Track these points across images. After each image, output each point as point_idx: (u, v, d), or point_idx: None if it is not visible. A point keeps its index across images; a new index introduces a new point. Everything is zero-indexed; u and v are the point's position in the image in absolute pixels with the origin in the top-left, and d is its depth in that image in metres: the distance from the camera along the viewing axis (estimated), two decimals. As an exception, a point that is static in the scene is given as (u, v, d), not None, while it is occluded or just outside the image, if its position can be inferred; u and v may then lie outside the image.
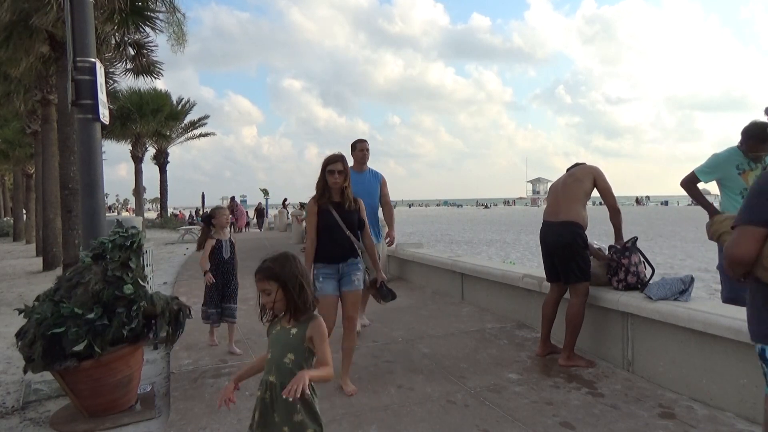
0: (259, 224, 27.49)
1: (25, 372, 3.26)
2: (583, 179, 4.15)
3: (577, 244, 4.00)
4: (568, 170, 4.39)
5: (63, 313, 3.15)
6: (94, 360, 3.20)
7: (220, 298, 4.85)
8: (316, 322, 2.03)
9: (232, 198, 27.21)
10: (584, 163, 4.41)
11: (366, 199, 4.18)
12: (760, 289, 1.89)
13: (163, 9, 10.61)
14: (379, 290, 3.73)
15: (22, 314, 3.28)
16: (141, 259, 3.70)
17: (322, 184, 3.56)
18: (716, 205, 4.44)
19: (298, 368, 1.96)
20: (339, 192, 3.56)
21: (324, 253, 3.53)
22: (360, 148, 5.17)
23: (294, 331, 2.02)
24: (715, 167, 4.15)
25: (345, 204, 3.56)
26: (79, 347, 3.10)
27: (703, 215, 4.17)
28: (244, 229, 25.41)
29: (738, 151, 4.06)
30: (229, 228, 5.00)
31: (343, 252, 3.54)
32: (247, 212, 28.38)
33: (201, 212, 30.75)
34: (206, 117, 31.82)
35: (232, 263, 4.96)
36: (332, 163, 3.52)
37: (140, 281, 3.52)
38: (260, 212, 28.25)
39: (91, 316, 3.18)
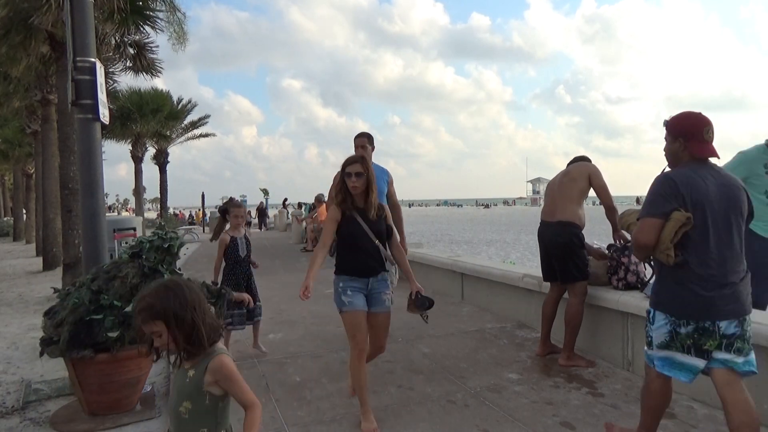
0: (261, 223, 27.34)
1: (41, 355, 3.27)
2: (578, 178, 4.15)
3: (574, 244, 4.02)
4: (568, 165, 4.39)
5: (102, 303, 3.22)
6: (109, 354, 3.20)
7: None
8: (215, 361, 1.71)
9: (231, 198, 27.19)
10: (584, 158, 4.40)
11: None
12: (659, 268, 2.52)
13: (164, 8, 10.62)
14: (416, 301, 3.26)
15: (57, 294, 3.32)
16: (175, 263, 3.71)
17: (343, 188, 3.13)
18: None
19: (198, 419, 1.75)
20: (363, 197, 3.13)
21: (351, 266, 3.11)
22: (357, 144, 4.47)
23: (191, 373, 1.72)
24: (741, 165, 3.98)
25: (369, 212, 3.13)
26: (114, 334, 3.16)
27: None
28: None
29: (767, 149, 3.87)
30: (244, 226, 4.67)
31: (374, 265, 3.12)
32: (249, 212, 28.34)
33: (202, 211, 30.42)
34: (207, 117, 31.76)
35: (249, 260, 4.62)
36: (350, 164, 3.11)
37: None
38: (262, 211, 28.03)
39: (129, 309, 3.19)
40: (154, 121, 26.93)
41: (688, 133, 2.45)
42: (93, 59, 4.15)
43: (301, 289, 2.88)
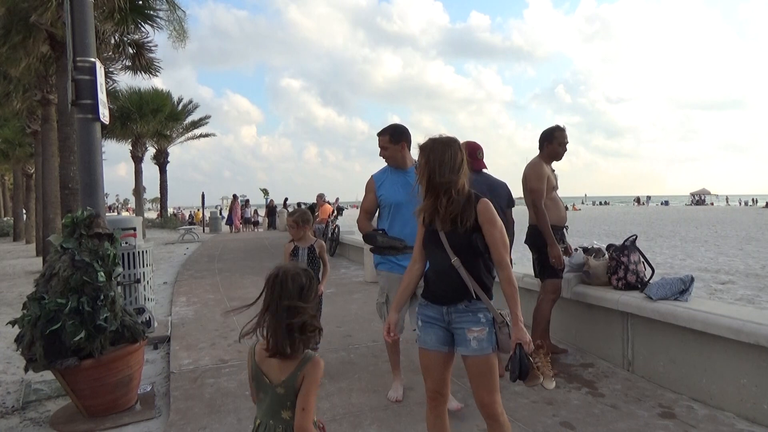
0: (271, 223, 25.69)
1: (26, 371, 3.27)
2: (524, 181, 4.21)
3: (536, 245, 4.18)
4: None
5: (49, 308, 3.15)
6: (94, 359, 3.21)
7: None
8: (315, 360, 1.71)
9: (234, 196, 26.97)
10: (545, 134, 4.27)
11: (410, 207, 2.93)
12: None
13: (164, 7, 10.63)
14: (511, 361, 2.24)
15: (15, 325, 3.27)
16: (115, 257, 3.56)
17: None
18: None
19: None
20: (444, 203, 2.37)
21: (428, 286, 2.40)
22: (379, 144, 3.53)
23: (281, 390, 1.70)
24: None
25: (449, 219, 2.29)
26: (80, 336, 3.11)
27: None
28: (242, 228, 25.35)
29: None
30: (311, 233, 4.13)
31: (448, 290, 2.30)
32: (256, 211, 28.02)
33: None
34: (207, 117, 31.81)
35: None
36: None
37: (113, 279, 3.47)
38: (272, 210, 26.48)
39: (64, 303, 3.16)
40: (154, 121, 26.94)
41: (471, 155, 3.44)
42: (93, 59, 4.15)
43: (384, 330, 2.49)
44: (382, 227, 3.48)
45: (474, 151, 3.88)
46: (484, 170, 3.99)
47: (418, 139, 2.44)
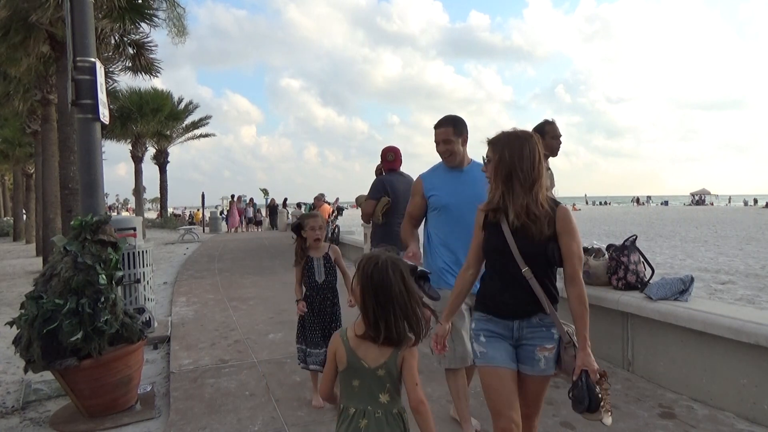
0: (272, 222, 25.20)
1: (25, 372, 3.27)
2: None
3: None
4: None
5: (47, 307, 3.15)
6: (93, 359, 3.21)
7: (322, 334, 3.50)
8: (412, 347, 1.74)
9: (233, 196, 26.93)
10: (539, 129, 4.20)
11: (463, 211, 2.85)
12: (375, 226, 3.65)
13: (164, 6, 10.64)
14: (575, 389, 2.03)
15: (14, 326, 3.27)
16: (117, 262, 3.56)
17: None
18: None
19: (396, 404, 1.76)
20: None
21: (488, 297, 2.13)
22: (438, 136, 3.03)
23: (381, 372, 1.73)
24: None
25: (526, 222, 2.01)
26: (77, 336, 3.11)
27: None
28: (239, 229, 25.31)
29: None
30: (325, 240, 3.67)
31: (518, 303, 2.06)
32: (259, 210, 27.83)
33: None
34: (208, 117, 31.83)
35: (331, 287, 3.59)
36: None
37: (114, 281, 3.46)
38: (273, 209, 25.80)
39: (62, 303, 3.15)
40: (154, 121, 26.94)
41: (383, 158, 4.58)
42: (93, 59, 4.15)
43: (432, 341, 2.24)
44: (433, 229, 3.08)
45: (385, 154, 4.64)
46: (399, 170, 4.58)
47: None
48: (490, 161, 2.09)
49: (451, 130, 2.96)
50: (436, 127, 3.02)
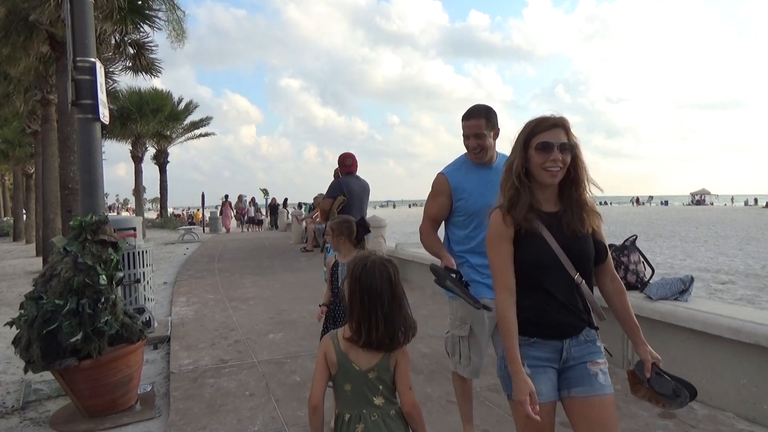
0: (273, 222, 24.56)
1: (25, 372, 3.27)
2: None
3: None
4: None
5: (47, 308, 3.15)
6: (93, 360, 3.21)
7: None
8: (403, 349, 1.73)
9: (226, 197, 26.83)
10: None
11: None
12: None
13: (163, 8, 10.63)
14: (653, 381, 1.85)
15: (13, 326, 3.27)
16: (118, 263, 3.56)
17: (518, 176, 1.77)
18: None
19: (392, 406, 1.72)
20: (553, 188, 1.79)
21: (533, 317, 1.78)
22: (468, 129, 2.67)
23: (372, 375, 1.71)
24: None
25: (571, 216, 1.78)
26: (77, 338, 3.11)
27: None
28: (243, 228, 25.30)
29: None
30: (350, 245, 3.26)
31: (572, 318, 1.80)
32: (259, 210, 27.70)
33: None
34: (209, 118, 31.82)
35: None
36: (541, 127, 1.76)
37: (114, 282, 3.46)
38: (273, 209, 25.08)
39: (62, 304, 3.15)
40: (155, 121, 26.94)
41: (341, 163, 5.24)
42: (93, 59, 4.15)
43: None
44: (458, 236, 2.77)
45: (343, 159, 5.27)
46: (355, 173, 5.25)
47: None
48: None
49: (483, 123, 2.63)
50: (465, 118, 2.68)
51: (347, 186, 5.05)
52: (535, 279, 1.77)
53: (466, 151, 2.74)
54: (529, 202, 1.75)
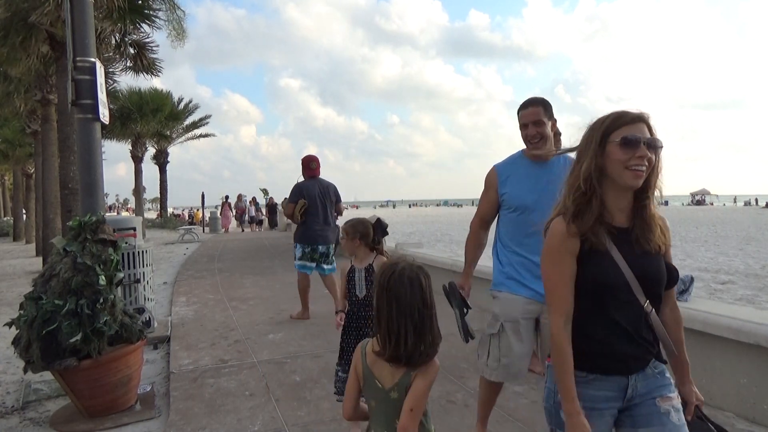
0: (271, 222, 24.43)
1: (25, 372, 3.27)
2: None
3: None
4: None
5: (46, 308, 3.14)
6: (93, 360, 3.21)
7: None
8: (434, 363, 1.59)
9: (226, 197, 26.79)
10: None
11: (544, 215, 2.13)
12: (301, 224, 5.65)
13: (163, 7, 10.63)
14: (693, 425, 1.62)
15: (13, 326, 3.27)
16: (117, 263, 3.55)
17: (591, 173, 1.51)
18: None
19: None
20: (629, 198, 1.54)
21: (595, 349, 1.53)
22: (526, 117, 2.56)
23: (394, 395, 1.58)
24: None
25: (641, 231, 1.54)
26: (76, 338, 3.10)
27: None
28: (243, 228, 25.28)
29: None
30: (364, 247, 3.08)
31: (639, 351, 1.54)
32: (261, 210, 27.63)
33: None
34: (208, 117, 31.81)
35: (371, 304, 2.64)
36: (624, 120, 1.50)
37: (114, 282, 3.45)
38: (272, 208, 24.75)
39: (61, 304, 3.15)
40: (155, 121, 26.94)
41: (305, 165, 5.63)
42: (93, 59, 4.15)
43: None
44: (503, 231, 2.70)
45: (308, 162, 5.60)
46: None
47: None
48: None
49: (541, 110, 2.53)
50: (523, 107, 2.58)
51: (307, 190, 5.47)
52: (600, 304, 1.51)
53: (523, 146, 2.65)
54: (599, 212, 1.49)
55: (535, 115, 2.53)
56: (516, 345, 2.54)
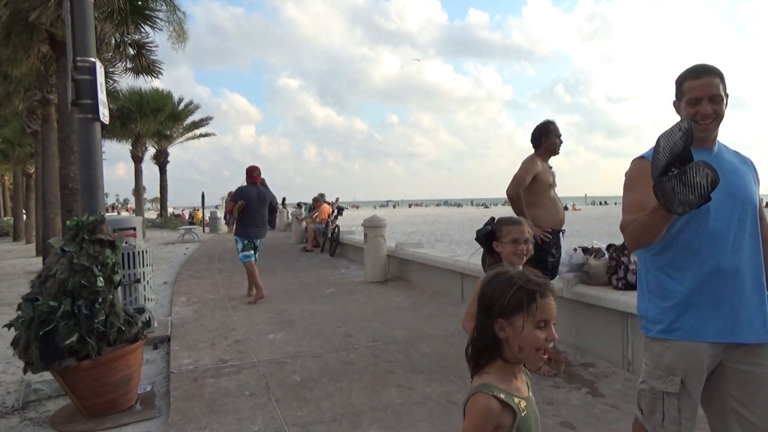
0: (271, 222, 24.98)
1: (25, 372, 3.27)
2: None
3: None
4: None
5: (42, 309, 3.13)
6: (93, 360, 3.20)
7: None
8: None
9: (229, 194, 26.78)
10: (538, 128, 4.26)
11: (718, 215, 1.83)
12: (234, 221, 7.36)
13: (164, 8, 10.64)
14: None
15: (11, 327, 3.27)
16: (115, 264, 3.55)
17: None
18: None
19: None
20: None
21: None
22: (701, 90, 1.88)
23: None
24: None
25: None
26: (72, 339, 3.10)
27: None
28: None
29: None
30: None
31: None
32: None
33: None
34: (209, 118, 31.84)
35: None
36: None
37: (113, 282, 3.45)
38: (272, 208, 25.39)
39: (56, 305, 3.14)
40: (155, 121, 26.95)
41: (248, 174, 6.86)
42: (93, 59, 4.15)
43: None
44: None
45: (251, 171, 6.99)
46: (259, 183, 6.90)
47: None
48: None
49: (718, 82, 1.88)
50: (695, 76, 1.91)
51: (246, 193, 6.94)
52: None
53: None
54: None
55: (711, 89, 1.87)
56: (698, 399, 1.96)
